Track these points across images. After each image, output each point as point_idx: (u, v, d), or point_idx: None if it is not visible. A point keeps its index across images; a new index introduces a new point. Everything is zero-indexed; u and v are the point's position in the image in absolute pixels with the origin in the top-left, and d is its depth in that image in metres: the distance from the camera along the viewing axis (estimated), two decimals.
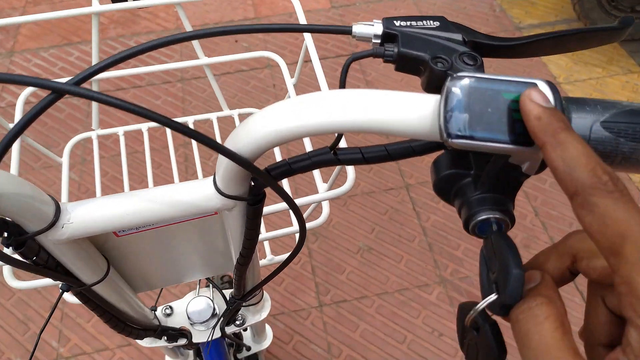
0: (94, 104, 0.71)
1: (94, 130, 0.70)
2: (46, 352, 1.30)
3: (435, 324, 1.31)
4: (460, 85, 0.25)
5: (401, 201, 1.57)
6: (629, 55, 1.98)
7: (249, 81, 1.92)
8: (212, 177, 0.35)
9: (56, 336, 1.32)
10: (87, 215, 0.34)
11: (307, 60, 0.64)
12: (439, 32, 0.32)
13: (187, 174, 1.63)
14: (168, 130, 0.77)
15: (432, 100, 0.26)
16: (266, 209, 0.49)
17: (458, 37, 0.31)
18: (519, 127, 0.24)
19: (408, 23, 0.32)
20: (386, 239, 1.48)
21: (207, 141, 0.27)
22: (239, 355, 0.78)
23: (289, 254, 0.43)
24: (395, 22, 0.32)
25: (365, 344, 1.28)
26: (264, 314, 0.60)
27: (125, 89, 1.92)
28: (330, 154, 0.32)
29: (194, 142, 0.79)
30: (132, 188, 1.62)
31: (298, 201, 0.49)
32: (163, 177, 1.61)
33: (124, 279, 0.47)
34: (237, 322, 0.59)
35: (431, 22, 0.32)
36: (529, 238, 1.48)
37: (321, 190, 0.53)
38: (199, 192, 0.35)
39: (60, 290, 0.42)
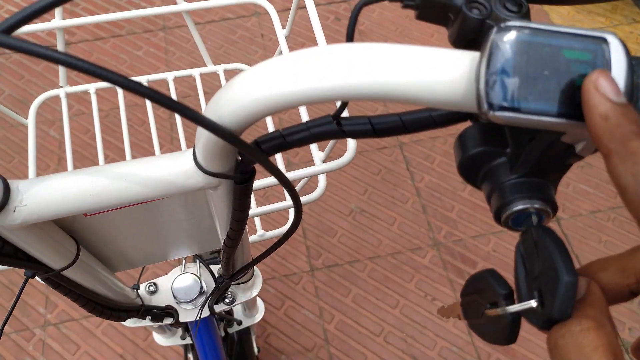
0: None
1: (62, 87, 0.63)
2: (33, 318, 1.26)
3: (428, 288, 1.29)
4: (510, 40, 0.19)
5: (394, 160, 1.53)
6: (633, 4, 1.89)
7: (236, 30, 1.82)
8: (192, 149, 0.30)
9: (43, 302, 1.28)
10: (43, 196, 0.29)
11: (299, 7, 0.57)
12: None
13: (173, 131, 1.56)
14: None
15: (466, 59, 0.20)
16: (256, 184, 0.44)
17: None
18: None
19: None
20: (379, 201, 1.45)
21: (177, 107, 0.22)
22: (230, 330, 0.75)
23: (281, 229, 0.38)
24: None
25: (357, 309, 1.27)
26: (254, 292, 0.56)
27: (104, 38, 1.81)
28: (333, 124, 0.27)
29: None
30: (114, 149, 1.52)
31: (292, 174, 0.44)
32: (147, 136, 1.54)
33: (98, 259, 0.43)
34: (227, 300, 0.55)
35: None
36: None
37: (317, 160, 0.47)
38: (176, 168, 0.29)
39: (25, 277, 0.38)
